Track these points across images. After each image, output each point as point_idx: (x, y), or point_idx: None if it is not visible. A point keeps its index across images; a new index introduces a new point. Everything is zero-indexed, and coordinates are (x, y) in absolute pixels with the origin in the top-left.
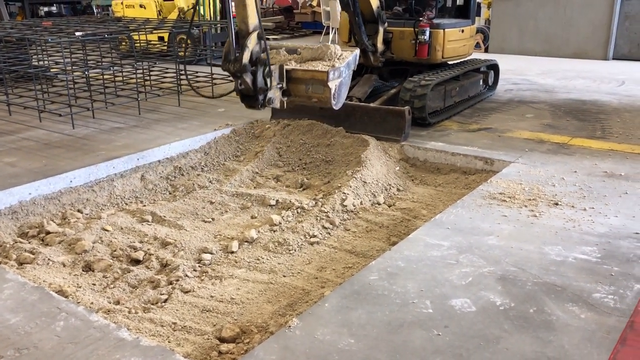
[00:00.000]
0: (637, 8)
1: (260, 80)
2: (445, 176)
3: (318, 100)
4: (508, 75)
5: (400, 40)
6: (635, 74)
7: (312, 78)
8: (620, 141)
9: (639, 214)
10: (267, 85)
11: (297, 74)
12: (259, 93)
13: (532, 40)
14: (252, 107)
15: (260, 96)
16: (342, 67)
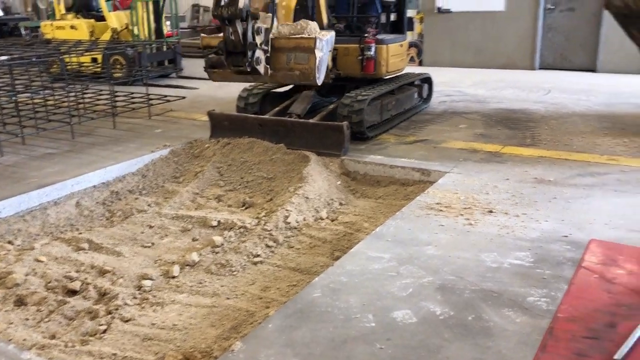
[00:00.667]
0: (559, 20)
1: (250, 35)
2: (385, 188)
3: (300, 73)
4: (442, 87)
5: (345, 57)
6: (560, 82)
7: (297, 46)
8: (549, 148)
9: (568, 218)
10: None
11: (281, 42)
12: (248, 48)
13: (463, 53)
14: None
15: (249, 52)
16: (325, 40)
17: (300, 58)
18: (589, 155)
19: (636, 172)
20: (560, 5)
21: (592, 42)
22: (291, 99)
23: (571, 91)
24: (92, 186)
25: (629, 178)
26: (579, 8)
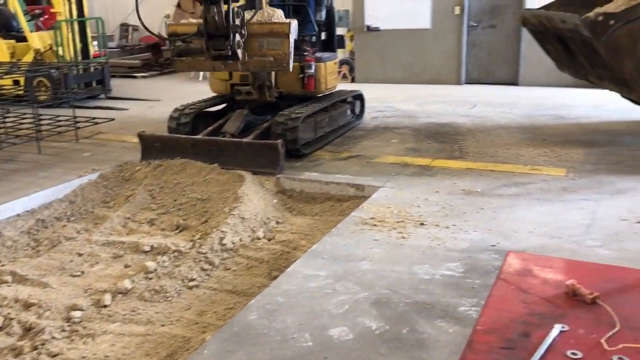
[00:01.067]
0: (482, 37)
1: (232, 18)
2: (321, 205)
3: (274, 59)
4: (374, 103)
5: (285, 75)
6: (485, 96)
7: (271, 32)
8: (476, 160)
9: (495, 228)
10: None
11: (254, 28)
12: (231, 30)
13: (393, 69)
14: (220, 50)
15: (232, 34)
16: (293, 26)
17: (274, 44)
18: (514, 165)
19: (557, 180)
20: (483, 23)
21: (513, 57)
22: (224, 118)
23: (495, 104)
24: (16, 215)
25: (550, 187)
26: (499, 25)
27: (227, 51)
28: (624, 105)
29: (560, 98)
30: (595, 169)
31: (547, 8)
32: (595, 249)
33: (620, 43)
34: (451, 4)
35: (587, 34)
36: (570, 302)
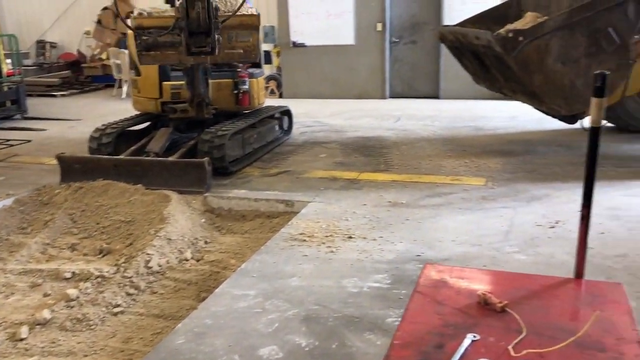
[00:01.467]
0: (404, 52)
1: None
2: (251, 222)
3: (244, 51)
4: (302, 118)
5: (219, 92)
6: (409, 110)
7: (241, 24)
8: (400, 172)
9: (420, 238)
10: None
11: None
12: (213, 27)
13: (321, 85)
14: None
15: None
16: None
17: (243, 36)
18: (436, 176)
19: (476, 190)
20: (404, 39)
21: (434, 72)
22: (148, 137)
23: (419, 117)
24: None
25: (471, 196)
26: (420, 41)
27: (207, 48)
28: (537, 116)
29: (478, 110)
30: (512, 177)
31: (463, 25)
32: (513, 255)
33: (529, 58)
34: (373, 21)
35: (498, 50)
36: (481, 311)
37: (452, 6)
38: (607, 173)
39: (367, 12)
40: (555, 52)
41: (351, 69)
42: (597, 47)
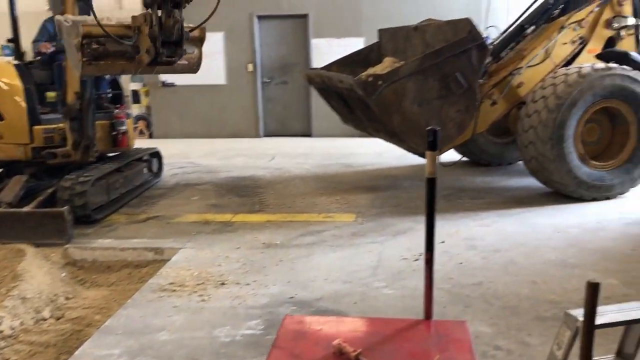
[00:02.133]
0: (276, 92)
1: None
2: (118, 273)
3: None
4: (174, 159)
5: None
6: (283, 148)
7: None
8: (275, 212)
9: (293, 279)
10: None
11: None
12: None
13: (193, 124)
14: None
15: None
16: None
17: (189, 48)
18: (309, 215)
19: (347, 226)
20: (275, 79)
21: (305, 111)
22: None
23: (292, 155)
24: None
25: (342, 233)
26: (291, 82)
27: (177, 58)
28: (401, 152)
29: (348, 147)
30: (379, 212)
31: (329, 67)
32: (382, 290)
33: (388, 100)
34: (244, 62)
35: (360, 93)
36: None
37: (320, 48)
38: (464, 205)
39: (238, 53)
40: (411, 95)
41: (224, 109)
42: (447, 90)
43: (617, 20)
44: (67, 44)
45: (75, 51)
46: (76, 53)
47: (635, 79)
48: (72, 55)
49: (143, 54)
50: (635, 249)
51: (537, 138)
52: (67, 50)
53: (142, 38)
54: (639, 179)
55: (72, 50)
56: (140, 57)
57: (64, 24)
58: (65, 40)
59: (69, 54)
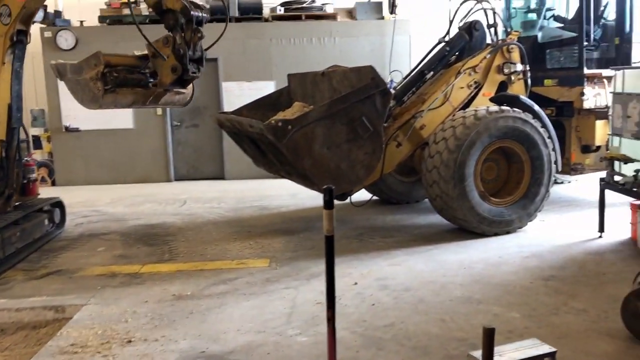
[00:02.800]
0: (186, 135)
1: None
2: (13, 337)
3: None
4: (78, 208)
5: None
6: (194, 192)
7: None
8: (186, 260)
9: (204, 332)
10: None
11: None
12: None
13: (99, 170)
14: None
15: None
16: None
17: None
18: (222, 262)
19: (261, 272)
20: (186, 122)
21: (217, 154)
22: None
23: (205, 200)
24: None
25: (256, 279)
26: (202, 125)
27: (199, 74)
28: (314, 193)
29: (262, 189)
30: (294, 256)
31: (240, 111)
32: (296, 337)
33: (298, 145)
34: None
35: (270, 138)
36: None
37: (231, 91)
38: (376, 244)
39: None
40: (320, 139)
41: (132, 153)
42: (355, 134)
43: (507, 66)
44: (72, 82)
45: (91, 84)
46: (93, 85)
47: (525, 120)
48: (84, 90)
49: (166, 74)
50: (534, 282)
51: (440, 178)
52: (74, 88)
53: (159, 62)
54: (535, 213)
55: (84, 84)
56: (161, 79)
57: (69, 63)
58: (70, 80)
59: (77, 91)
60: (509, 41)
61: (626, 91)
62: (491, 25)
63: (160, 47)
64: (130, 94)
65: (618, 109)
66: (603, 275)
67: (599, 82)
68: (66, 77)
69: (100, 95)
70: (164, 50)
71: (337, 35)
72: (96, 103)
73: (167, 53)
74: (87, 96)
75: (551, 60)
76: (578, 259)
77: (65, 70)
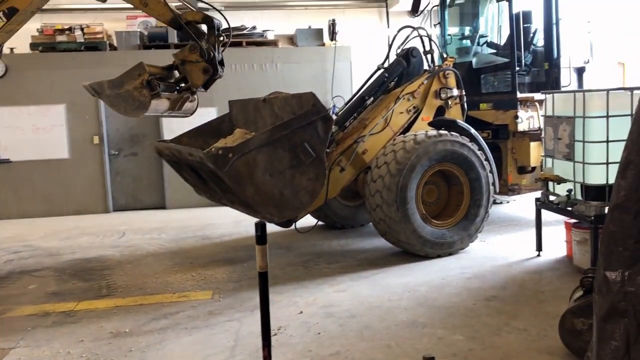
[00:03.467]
0: (125, 164)
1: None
2: None
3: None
4: (7, 243)
5: None
6: (134, 223)
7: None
8: (124, 295)
9: None
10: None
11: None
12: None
13: (32, 202)
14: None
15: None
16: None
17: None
18: (162, 295)
19: (204, 304)
20: (124, 151)
21: (158, 182)
22: None
23: (145, 231)
24: None
25: (198, 312)
26: (141, 153)
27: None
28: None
29: (205, 218)
30: (237, 286)
31: (180, 139)
32: None
33: (240, 172)
34: (89, 134)
35: (211, 166)
36: None
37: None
38: (322, 270)
39: (82, 126)
40: (262, 166)
41: (68, 184)
42: (298, 160)
43: (444, 91)
44: (112, 97)
45: (135, 93)
46: (139, 94)
47: (463, 143)
48: (126, 102)
49: (197, 76)
50: (476, 303)
51: (383, 201)
52: (114, 101)
53: (188, 67)
54: (475, 234)
55: (127, 96)
56: (193, 82)
57: (105, 81)
58: (110, 95)
59: (118, 104)
60: (445, 67)
61: (556, 114)
62: (428, 52)
63: (187, 54)
64: (166, 99)
65: (549, 131)
66: (542, 294)
67: (532, 106)
68: (104, 94)
69: (148, 101)
70: (192, 57)
71: (279, 61)
72: (143, 110)
73: (196, 58)
74: (131, 106)
75: (486, 85)
76: (518, 278)
77: (102, 88)
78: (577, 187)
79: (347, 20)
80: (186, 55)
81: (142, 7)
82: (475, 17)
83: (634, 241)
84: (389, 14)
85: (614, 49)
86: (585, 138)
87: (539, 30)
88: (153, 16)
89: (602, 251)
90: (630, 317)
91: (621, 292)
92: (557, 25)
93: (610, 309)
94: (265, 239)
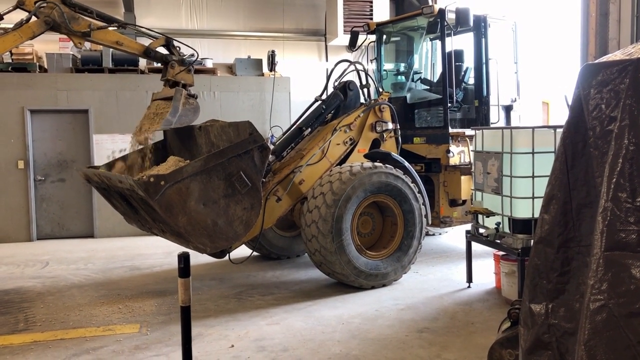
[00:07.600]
0: (52, 191)
1: None
2: None
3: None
4: None
5: None
6: (59, 253)
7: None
8: (43, 329)
9: None
10: None
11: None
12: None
13: None
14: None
15: None
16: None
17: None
18: (85, 329)
19: (130, 339)
20: (51, 177)
21: (87, 210)
22: None
23: (70, 261)
24: None
25: (124, 347)
26: (69, 179)
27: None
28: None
29: (135, 248)
30: (167, 319)
31: (112, 165)
32: None
33: (172, 201)
34: (14, 158)
35: (142, 194)
36: None
37: (102, 144)
38: (255, 302)
39: (6, 149)
40: (196, 195)
41: None
42: (233, 189)
43: (379, 125)
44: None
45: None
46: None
47: (397, 176)
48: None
49: (189, 78)
50: (409, 334)
51: (318, 232)
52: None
53: (181, 76)
54: (408, 265)
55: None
56: (188, 84)
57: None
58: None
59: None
60: (380, 101)
61: (485, 149)
62: (364, 86)
63: (173, 73)
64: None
65: (479, 165)
66: (472, 325)
67: (462, 141)
68: (174, 123)
69: (197, 104)
70: (177, 70)
71: (217, 89)
72: (199, 110)
73: (179, 69)
74: (193, 116)
75: (419, 120)
76: (449, 309)
77: (169, 122)
78: (505, 220)
79: (287, 52)
80: (173, 74)
81: (118, 47)
82: (410, 54)
83: (557, 274)
84: (328, 48)
85: (539, 89)
86: (512, 173)
87: (470, 69)
88: (127, 52)
89: (527, 284)
90: (553, 349)
91: (545, 325)
92: (486, 65)
93: (535, 342)
94: (189, 271)
